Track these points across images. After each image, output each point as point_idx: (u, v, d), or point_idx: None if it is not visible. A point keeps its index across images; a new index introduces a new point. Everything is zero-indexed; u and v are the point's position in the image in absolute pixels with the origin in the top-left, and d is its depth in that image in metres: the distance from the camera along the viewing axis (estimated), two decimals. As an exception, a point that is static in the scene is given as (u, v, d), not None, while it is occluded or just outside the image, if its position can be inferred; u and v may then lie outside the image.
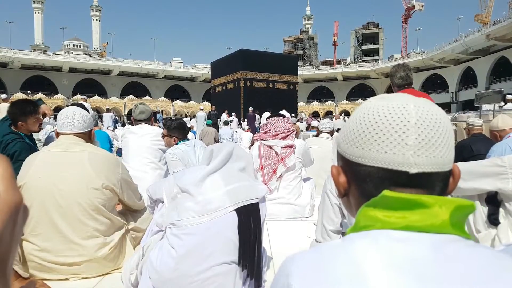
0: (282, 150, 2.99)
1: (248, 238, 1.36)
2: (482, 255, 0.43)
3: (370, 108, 0.52)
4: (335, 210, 1.75)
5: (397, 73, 2.83)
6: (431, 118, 0.49)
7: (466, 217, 0.48)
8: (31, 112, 2.64)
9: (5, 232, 0.28)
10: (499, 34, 35.00)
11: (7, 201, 0.29)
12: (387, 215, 0.47)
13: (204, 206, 1.35)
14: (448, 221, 0.45)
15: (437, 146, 0.48)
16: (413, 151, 0.47)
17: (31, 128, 2.68)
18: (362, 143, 0.50)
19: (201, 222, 1.32)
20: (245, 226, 1.36)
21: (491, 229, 1.93)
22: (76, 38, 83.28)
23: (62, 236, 1.72)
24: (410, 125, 0.48)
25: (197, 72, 58.18)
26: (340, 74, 58.88)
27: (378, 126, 0.49)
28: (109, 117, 13.91)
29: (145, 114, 3.24)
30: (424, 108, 0.49)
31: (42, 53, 54.91)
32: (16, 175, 1.76)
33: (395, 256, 0.43)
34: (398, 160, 0.47)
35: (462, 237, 0.46)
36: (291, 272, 0.47)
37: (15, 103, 2.69)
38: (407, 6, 63.19)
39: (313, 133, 7.10)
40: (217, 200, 1.36)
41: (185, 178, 1.45)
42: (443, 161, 0.48)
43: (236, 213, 1.36)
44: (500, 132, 3.10)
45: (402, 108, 0.49)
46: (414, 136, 0.47)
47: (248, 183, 1.46)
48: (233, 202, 1.36)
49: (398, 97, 0.52)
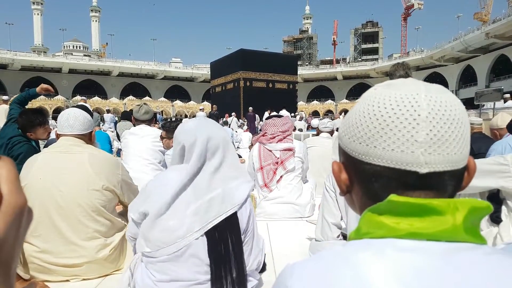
0: (282, 153, 2.99)
1: (222, 260, 1.27)
2: (500, 265, 0.39)
3: (375, 98, 0.46)
4: (335, 204, 1.76)
5: (396, 72, 2.83)
6: (444, 110, 0.43)
7: (480, 220, 0.43)
8: (40, 123, 2.68)
9: (9, 234, 0.28)
10: (499, 32, 35.00)
11: (12, 203, 0.28)
12: (393, 222, 0.43)
13: (172, 234, 1.23)
14: (461, 227, 0.41)
15: (451, 141, 0.42)
16: (424, 148, 0.42)
17: (39, 137, 2.75)
18: (367, 139, 0.45)
19: (170, 252, 1.24)
20: (216, 250, 1.25)
21: (493, 227, 1.94)
22: (76, 39, 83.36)
23: (63, 237, 1.72)
24: (421, 119, 0.42)
25: (196, 72, 58.22)
26: (339, 74, 58.90)
27: (384, 121, 0.44)
28: (109, 118, 13.90)
29: (149, 115, 3.30)
30: (437, 99, 0.43)
31: (42, 55, 54.93)
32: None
33: (401, 269, 0.39)
34: (407, 159, 0.42)
35: (478, 244, 0.41)
36: (291, 285, 0.43)
37: (25, 113, 2.71)
38: (406, 5, 63.20)
39: (313, 133, 7.10)
40: (185, 224, 1.24)
41: (151, 201, 1.29)
42: (457, 158, 0.43)
43: (206, 237, 1.24)
44: (500, 130, 3.11)
45: (412, 98, 0.43)
46: (425, 132, 0.42)
47: (222, 190, 1.28)
48: (203, 223, 1.24)
49: (407, 84, 0.46)
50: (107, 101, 42.64)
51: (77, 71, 52.11)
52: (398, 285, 0.38)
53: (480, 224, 0.44)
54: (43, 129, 2.71)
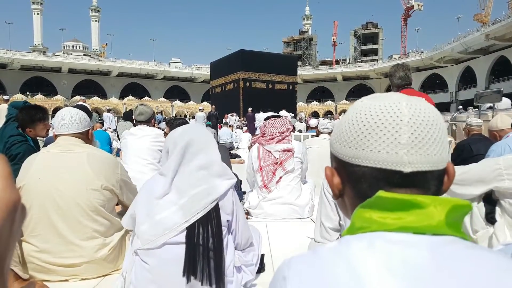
0: (281, 154, 2.99)
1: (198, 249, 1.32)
2: (481, 257, 0.43)
3: (362, 107, 0.51)
4: (333, 208, 1.76)
5: (396, 73, 2.83)
6: (423, 116, 0.48)
7: (463, 217, 0.48)
8: (39, 119, 2.69)
9: (3, 230, 0.28)
10: (499, 34, 35.08)
11: (5, 199, 0.29)
12: (382, 216, 0.47)
13: (160, 227, 1.32)
14: (444, 222, 0.45)
15: (430, 144, 0.47)
16: (407, 149, 0.47)
17: (38, 134, 2.73)
18: (355, 143, 0.50)
19: (159, 246, 1.31)
20: (192, 246, 1.31)
21: (489, 228, 1.95)
22: (76, 39, 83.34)
23: (62, 237, 1.71)
24: (403, 123, 0.47)
25: (196, 72, 58.26)
26: (339, 74, 58.98)
27: (370, 126, 0.49)
28: (108, 117, 13.89)
29: (144, 116, 3.23)
30: (417, 106, 0.49)
31: (42, 54, 54.89)
32: (17, 177, 1.76)
33: (392, 260, 0.42)
34: (392, 159, 0.47)
35: (460, 238, 0.45)
36: (288, 276, 0.47)
37: (25, 109, 2.71)
38: (406, 6, 63.26)
39: (313, 134, 7.11)
40: (172, 218, 1.32)
41: (138, 200, 1.42)
42: (437, 159, 0.48)
43: (187, 230, 1.32)
44: (499, 132, 3.11)
45: (395, 106, 0.49)
46: (407, 135, 0.47)
47: (207, 187, 1.37)
48: (189, 216, 1.32)
49: (390, 96, 0.51)
50: (107, 101, 42.67)
51: (77, 71, 52.10)
52: (390, 277, 0.41)
53: (462, 220, 0.48)
54: (43, 125, 2.70)
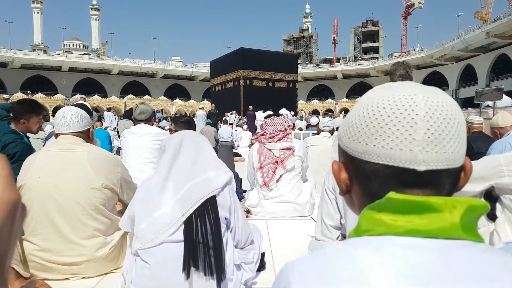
0: (281, 152, 2.99)
1: (197, 241, 1.34)
2: (495, 261, 0.40)
3: (374, 99, 0.47)
4: (334, 206, 1.76)
5: (397, 71, 2.82)
6: (441, 110, 0.44)
7: (478, 218, 0.44)
8: (35, 112, 2.67)
9: (3, 230, 0.28)
10: (499, 31, 34.96)
11: (5, 199, 0.29)
12: (392, 219, 0.43)
13: (159, 224, 1.34)
14: (458, 225, 0.42)
15: (448, 140, 0.43)
16: (422, 146, 0.43)
17: (31, 128, 2.68)
18: (366, 138, 0.46)
19: (159, 243, 1.33)
20: (191, 242, 1.32)
21: (490, 224, 1.95)
22: (76, 38, 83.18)
23: (62, 236, 1.72)
24: (419, 118, 0.43)
25: (196, 71, 58.19)
26: (340, 72, 58.89)
27: (383, 120, 0.45)
28: (108, 116, 13.90)
29: (145, 115, 3.23)
30: (434, 99, 0.45)
31: (42, 53, 54.88)
32: (16, 175, 1.76)
33: (400, 264, 0.40)
34: (405, 157, 0.43)
35: (474, 242, 0.42)
36: (292, 280, 0.44)
37: (22, 101, 2.72)
38: (407, 4, 63.08)
39: (313, 132, 7.11)
40: (170, 214, 1.34)
41: (136, 200, 1.44)
42: (454, 157, 0.44)
43: (185, 226, 1.33)
44: (500, 129, 3.11)
45: (410, 99, 0.44)
46: (423, 131, 0.43)
47: (201, 179, 1.40)
48: (185, 209, 1.34)
49: (405, 86, 0.47)
50: (107, 100, 42.65)
51: (77, 70, 52.09)
52: (397, 278, 0.39)
53: (477, 222, 0.45)
54: (37, 119, 2.68)
